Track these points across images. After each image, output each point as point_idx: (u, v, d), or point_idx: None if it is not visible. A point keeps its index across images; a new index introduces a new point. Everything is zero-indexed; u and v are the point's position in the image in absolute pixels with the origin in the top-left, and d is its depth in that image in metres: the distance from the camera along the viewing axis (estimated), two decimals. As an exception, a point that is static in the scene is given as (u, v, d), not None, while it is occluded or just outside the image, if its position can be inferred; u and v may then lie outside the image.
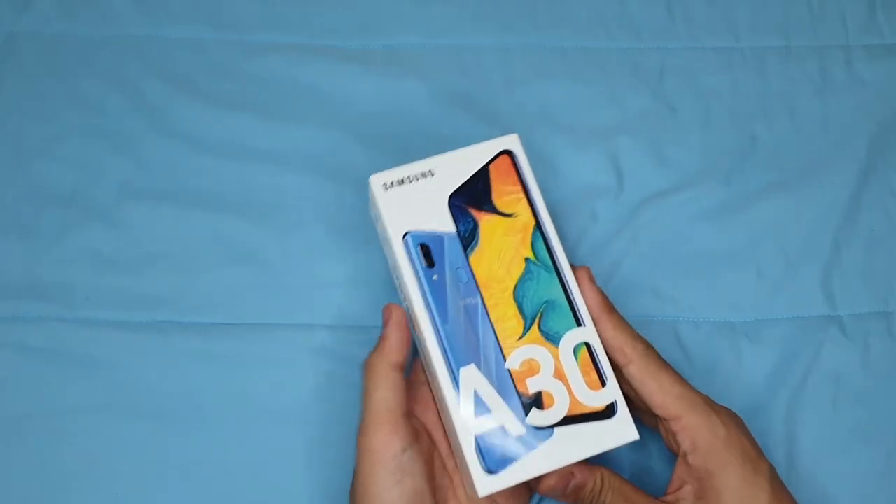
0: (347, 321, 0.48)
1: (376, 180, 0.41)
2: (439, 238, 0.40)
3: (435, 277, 0.40)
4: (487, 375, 0.39)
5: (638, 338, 0.40)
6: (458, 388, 0.38)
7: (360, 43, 0.54)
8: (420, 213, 0.41)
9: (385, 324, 0.41)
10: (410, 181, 0.41)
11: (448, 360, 0.39)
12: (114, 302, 0.48)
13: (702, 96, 0.53)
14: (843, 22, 0.54)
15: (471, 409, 0.38)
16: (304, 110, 0.52)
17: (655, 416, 0.40)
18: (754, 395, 0.47)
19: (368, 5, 0.54)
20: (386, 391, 0.39)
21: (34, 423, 0.46)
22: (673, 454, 0.41)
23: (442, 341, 0.39)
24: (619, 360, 0.40)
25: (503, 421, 0.38)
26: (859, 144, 0.52)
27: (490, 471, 0.37)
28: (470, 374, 0.39)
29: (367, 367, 0.40)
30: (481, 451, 0.38)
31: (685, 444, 0.39)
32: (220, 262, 0.49)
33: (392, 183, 0.41)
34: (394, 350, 0.40)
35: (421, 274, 0.40)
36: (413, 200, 0.41)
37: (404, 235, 0.40)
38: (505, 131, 0.51)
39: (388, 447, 0.38)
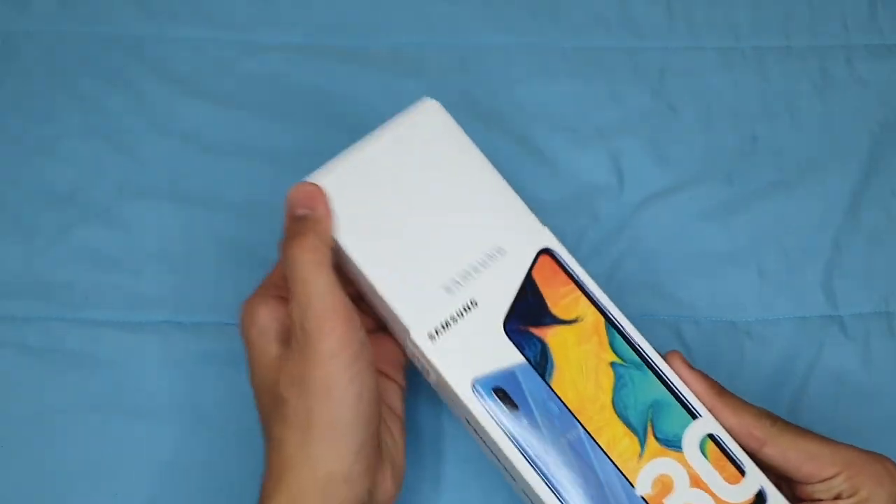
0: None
1: (418, 333, 0.37)
2: (511, 374, 0.36)
3: (524, 421, 0.35)
4: None
5: (761, 413, 0.37)
6: None
7: (361, 42, 0.54)
8: (479, 354, 0.36)
9: (308, 205, 0.38)
10: (455, 321, 0.37)
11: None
12: (113, 301, 0.48)
13: (702, 96, 0.53)
14: (844, 22, 0.54)
15: None
16: (303, 110, 0.52)
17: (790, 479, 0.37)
18: (755, 395, 0.47)
19: (369, 4, 0.54)
20: (331, 276, 0.36)
21: (34, 423, 0.46)
22: None
23: (558, 492, 0.35)
24: (752, 445, 0.37)
25: None
26: (860, 144, 0.52)
27: None
28: None
29: (297, 254, 0.36)
30: None
31: (847, 493, 0.36)
32: (220, 262, 0.49)
33: (437, 331, 0.37)
34: (329, 232, 0.37)
35: (506, 422, 0.35)
36: (466, 342, 0.36)
37: (472, 385, 0.36)
38: (504, 131, 0.51)
39: (348, 341, 0.35)
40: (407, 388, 0.42)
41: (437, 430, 0.46)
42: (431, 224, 0.38)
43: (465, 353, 0.36)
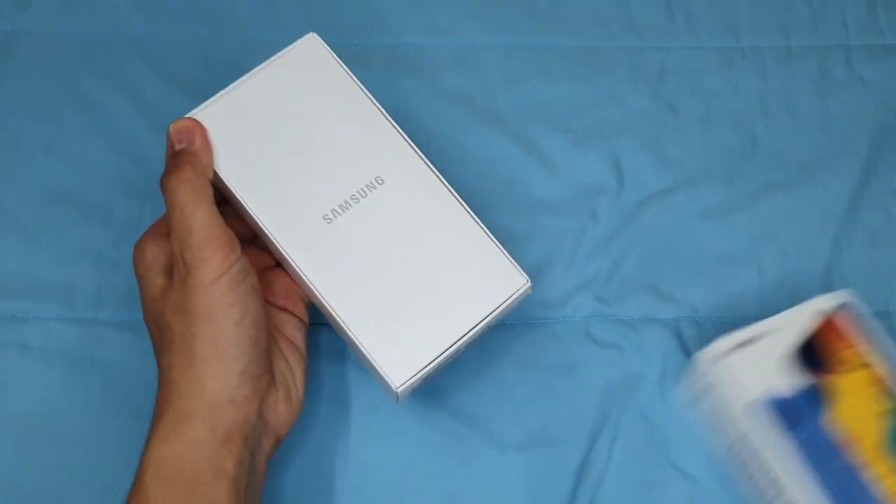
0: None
1: (704, 356, 0.40)
2: (792, 400, 0.38)
3: (804, 436, 0.38)
4: None
5: None
6: None
7: (361, 42, 0.54)
8: (762, 377, 0.39)
9: (185, 139, 0.39)
10: (740, 348, 0.40)
11: None
12: (113, 301, 0.48)
13: (702, 96, 0.53)
14: (844, 22, 0.54)
15: None
16: (304, 110, 0.52)
17: None
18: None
19: (369, 5, 0.54)
20: (210, 206, 0.37)
21: (34, 422, 0.46)
22: None
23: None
24: None
25: None
26: (860, 144, 0.52)
27: None
28: None
29: (175, 186, 0.37)
30: None
31: None
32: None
33: (720, 354, 0.40)
34: (209, 165, 0.39)
35: (784, 438, 0.38)
36: (750, 366, 0.39)
37: (754, 402, 0.39)
38: (505, 131, 0.51)
39: (227, 267, 0.37)
40: (309, 323, 0.43)
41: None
42: (310, 155, 0.39)
43: (749, 374, 0.39)
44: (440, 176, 0.41)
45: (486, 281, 0.39)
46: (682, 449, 0.46)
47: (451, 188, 0.41)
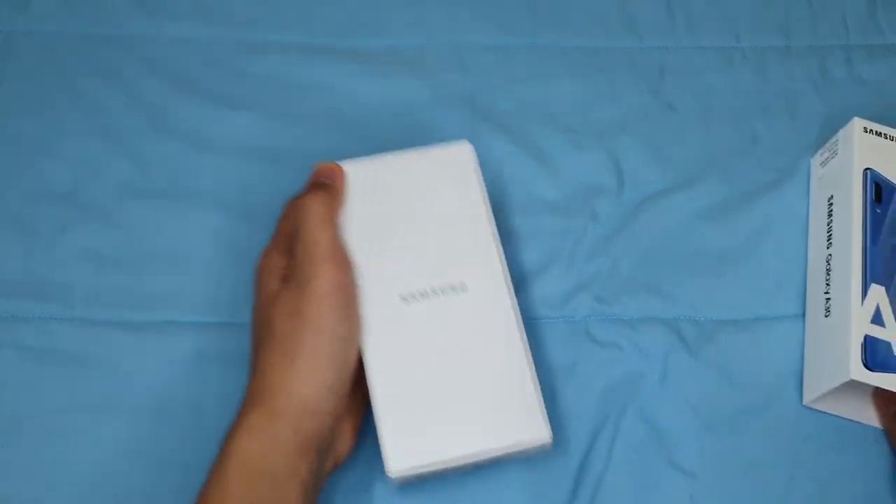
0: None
1: (860, 124, 0.47)
2: (892, 185, 0.46)
3: (878, 211, 0.46)
4: (892, 300, 0.44)
5: None
6: (864, 298, 0.43)
7: (361, 42, 0.54)
8: (884, 162, 0.47)
9: (328, 177, 0.43)
10: (886, 138, 0.48)
11: (865, 273, 0.44)
12: (113, 301, 0.48)
13: (702, 95, 0.53)
14: (843, 22, 0.54)
15: (868, 317, 0.43)
16: (303, 110, 0.52)
17: None
18: (755, 394, 0.47)
19: (368, 5, 0.54)
20: (335, 231, 0.41)
21: (34, 423, 0.46)
22: None
23: (865, 258, 0.44)
24: None
25: (892, 338, 0.43)
26: (859, 144, 0.52)
27: (867, 366, 0.42)
28: (878, 293, 0.44)
29: (312, 205, 0.41)
30: (866, 348, 0.42)
31: None
32: (219, 262, 0.49)
33: (870, 131, 0.47)
34: (341, 200, 0.43)
35: (868, 203, 0.46)
36: (882, 151, 0.47)
37: (865, 170, 0.46)
38: (505, 131, 0.52)
39: (342, 286, 0.40)
40: None
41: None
42: (415, 241, 0.43)
43: (876, 154, 0.47)
44: (516, 308, 0.42)
45: (512, 418, 0.40)
46: (683, 448, 0.46)
47: (520, 321, 0.42)
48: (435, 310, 0.41)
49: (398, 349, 0.41)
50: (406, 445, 0.40)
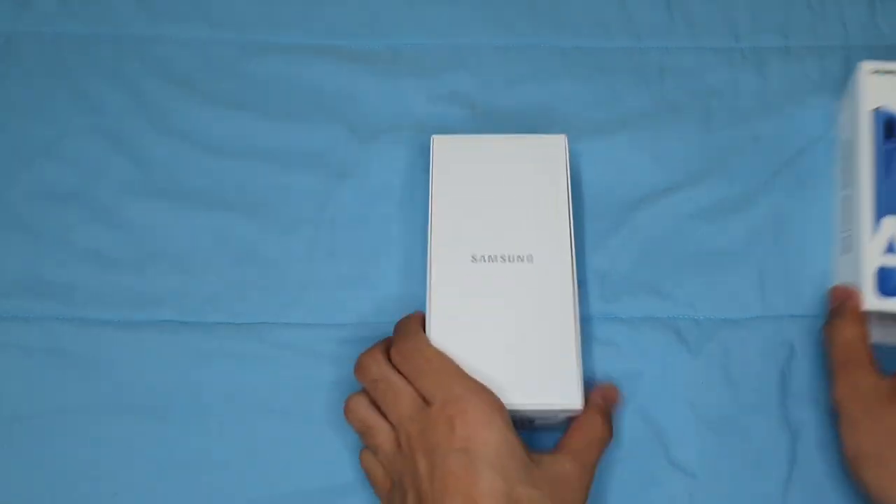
0: (349, 319, 0.48)
1: (868, 66, 0.48)
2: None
3: (893, 146, 0.46)
4: None
5: None
6: (876, 230, 0.45)
7: (361, 42, 0.54)
8: (890, 98, 0.48)
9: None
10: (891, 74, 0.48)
11: (877, 206, 0.45)
12: (115, 301, 0.48)
13: (702, 96, 0.53)
14: (843, 22, 0.54)
15: (881, 248, 0.45)
16: (304, 110, 0.52)
17: None
18: (754, 394, 0.47)
19: (369, 5, 0.54)
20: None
21: (34, 423, 0.46)
22: None
23: (878, 192, 0.46)
24: None
25: None
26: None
27: (883, 293, 0.44)
28: (892, 224, 0.45)
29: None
30: (880, 278, 0.44)
31: None
32: (221, 262, 0.49)
33: (881, 71, 0.48)
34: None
35: (878, 140, 0.47)
36: (888, 87, 0.48)
37: (876, 109, 0.47)
38: (504, 131, 0.51)
39: None
40: None
41: None
42: (496, 213, 0.45)
43: (886, 92, 0.48)
44: (576, 288, 0.44)
45: (550, 381, 0.42)
46: (682, 447, 0.46)
47: (577, 300, 0.44)
48: (500, 273, 0.44)
49: (459, 300, 0.43)
50: None
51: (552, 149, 0.47)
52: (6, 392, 0.46)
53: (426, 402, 0.40)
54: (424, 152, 0.48)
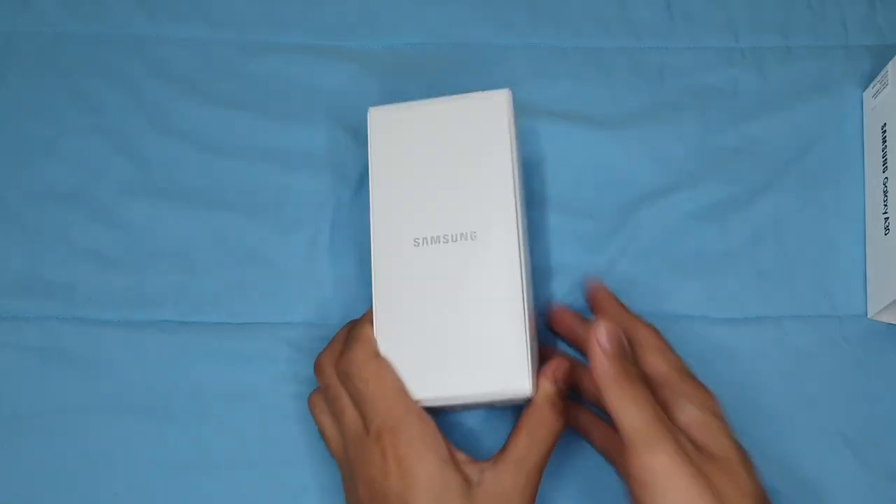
0: (348, 320, 0.48)
1: None
2: None
3: None
4: None
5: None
6: None
7: (361, 42, 0.54)
8: None
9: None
10: None
11: None
12: (115, 301, 0.48)
13: (701, 96, 0.53)
14: (843, 22, 0.54)
15: None
16: (304, 109, 0.52)
17: None
18: (753, 394, 0.47)
19: (368, 4, 0.54)
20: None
21: (34, 422, 0.46)
22: None
23: None
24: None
25: None
26: (858, 144, 0.52)
27: None
28: None
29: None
30: None
31: None
32: (221, 261, 0.49)
33: None
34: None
35: None
36: None
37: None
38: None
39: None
40: None
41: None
42: (434, 187, 0.43)
43: None
44: (525, 262, 0.42)
45: (498, 367, 0.40)
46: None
47: (527, 275, 0.42)
48: (443, 256, 0.42)
49: (403, 289, 0.42)
50: None
51: (493, 109, 0.44)
52: (6, 392, 0.46)
53: (365, 424, 0.39)
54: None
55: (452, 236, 0.42)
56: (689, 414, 0.40)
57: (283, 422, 0.46)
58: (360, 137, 0.52)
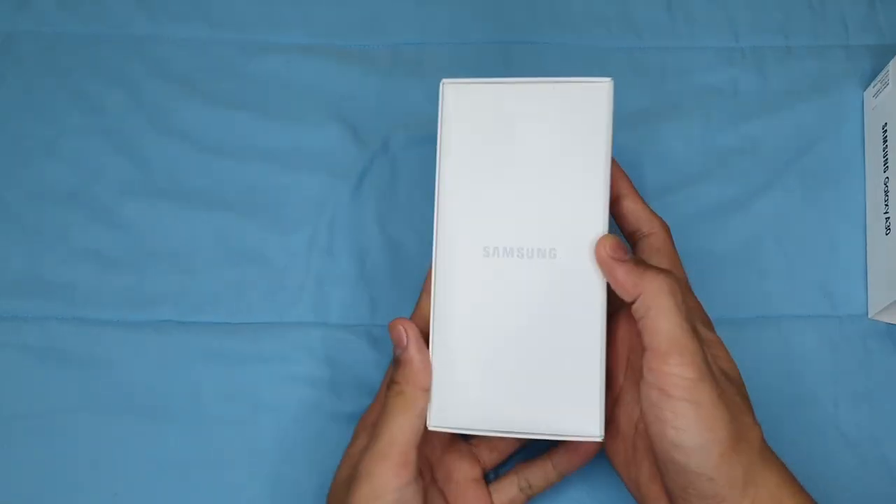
0: (348, 320, 0.48)
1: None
2: None
3: None
4: None
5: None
6: None
7: (361, 42, 0.54)
8: None
9: (401, 345, 0.38)
10: None
11: None
12: (114, 301, 0.48)
13: (702, 95, 0.53)
14: (843, 22, 0.54)
15: None
16: (303, 110, 0.52)
17: None
18: (753, 394, 0.47)
19: (368, 4, 0.54)
20: (407, 420, 0.37)
21: (34, 423, 0.46)
22: None
23: None
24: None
25: None
26: (859, 144, 0.52)
27: None
28: None
29: (392, 391, 0.38)
30: None
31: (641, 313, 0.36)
32: (220, 262, 0.49)
33: None
34: (421, 373, 0.37)
35: None
36: None
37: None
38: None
39: (392, 482, 0.36)
40: None
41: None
42: (515, 185, 0.37)
43: None
44: (604, 288, 0.37)
45: (567, 407, 0.37)
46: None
47: (605, 303, 0.37)
48: (516, 272, 0.37)
49: (467, 303, 0.37)
50: (452, 403, 0.37)
51: (592, 101, 0.37)
52: (6, 392, 0.46)
53: None
54: (424, 152, 0.48)
55: (528, 251, 0.37)
56: (702, 333, 0.38)
57: (283, 422, 0.46)
58: (359, 137, 0.52)
